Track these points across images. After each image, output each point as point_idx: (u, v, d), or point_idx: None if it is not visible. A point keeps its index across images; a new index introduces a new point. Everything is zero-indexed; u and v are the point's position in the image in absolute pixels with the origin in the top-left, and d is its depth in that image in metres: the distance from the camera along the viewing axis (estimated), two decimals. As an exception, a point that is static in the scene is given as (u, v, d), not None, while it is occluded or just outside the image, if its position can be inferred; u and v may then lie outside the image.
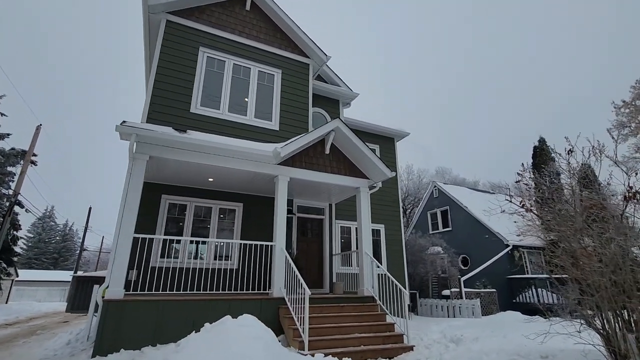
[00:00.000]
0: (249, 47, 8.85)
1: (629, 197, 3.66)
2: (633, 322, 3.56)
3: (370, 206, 12.31)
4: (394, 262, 12.23)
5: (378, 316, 7.31)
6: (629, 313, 3.57)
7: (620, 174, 4.46)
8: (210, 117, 7.90)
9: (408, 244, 16.41)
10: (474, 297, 13.32)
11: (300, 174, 8.04)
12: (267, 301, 6.97)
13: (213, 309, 6.40)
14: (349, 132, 8.40)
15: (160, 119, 7.23)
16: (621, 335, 3.69)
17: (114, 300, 5.75)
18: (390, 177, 8.67)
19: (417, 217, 21.98)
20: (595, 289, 3.74)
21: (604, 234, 3.69)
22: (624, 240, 3.47)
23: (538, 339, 4.66)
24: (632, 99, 19.67)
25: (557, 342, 4.85)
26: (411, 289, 15.10)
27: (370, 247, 8.52)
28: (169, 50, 7.74)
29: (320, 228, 10.38)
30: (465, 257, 18.10)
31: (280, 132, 8.62)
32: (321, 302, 7.23)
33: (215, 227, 8.75)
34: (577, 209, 3.91)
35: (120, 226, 6.14)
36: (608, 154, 3.94)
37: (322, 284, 9.82)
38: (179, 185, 8.43)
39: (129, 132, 6.26)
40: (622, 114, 20.29)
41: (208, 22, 8.43)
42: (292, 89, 9.20)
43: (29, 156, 18.51)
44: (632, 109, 19.57)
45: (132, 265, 7.33)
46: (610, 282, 3.53)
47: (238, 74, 8.59)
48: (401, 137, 13.99)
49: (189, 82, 7.82)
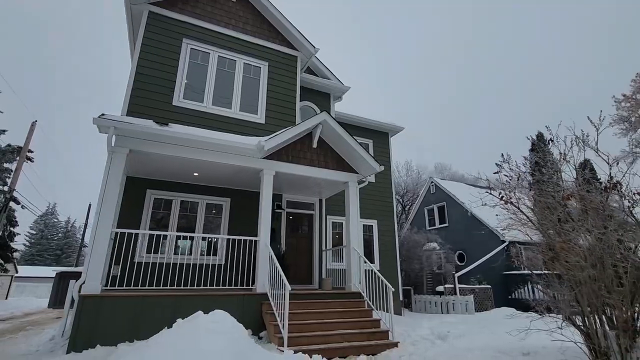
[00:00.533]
0: (234, 39, 8.67)
1: (610, 187, 3.49)
2: (614, 318, 3.41)
3: (363, 201, 12.22)
4: (386, 258, 12.10)
5: (364, 312, 7.19)
6: (610, 309, 3.42)
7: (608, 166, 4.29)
8: (193, 110, 7.76)
9: (404, 240, 16.28)
10: (469, 293, 13.17)
11: (287, 168, 7.91)
12: (250, 297, 6.87)
13: (194, 305, 6.28)
14: (336, 125, 8.24)
15: (141, 112, 7.10)
16: (602, 332, 3.54)
17: (91, 295, 5.66)
18: (379, 171, 8.51)
19: (415, 213, 21.81)
20: (575, 284, 3.59)
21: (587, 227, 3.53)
22: (603, 232, 3.31)
23: (521, 335, 4.54)
24: (633, 93, 19.33)
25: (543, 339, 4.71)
26: (406, 285, 14.98)
27: (358, 242, 8.39)
28: (150, 42, 7.59)
29: (311, 223, 10.25)
30: (461, 253, 17.93)
31: (266, 125, 8.47)
32: (306, 297, 7.11)
33: (202, 223, 8.64)
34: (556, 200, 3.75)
35: (97, 221, 6.02)
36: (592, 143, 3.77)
37: (312, 280, 9.71)
38: (164, 180, 8.31)
39: (107, 124, 6.14)
40: (623, 108, 19.96)
41: (192, 14, 8.26)
42: (279, 81, 9.03)
43: (24, 152, 18.48)
44: (632, 102, 19.24)
45: (116, 260, 7.31)
46: (590, 277, 3.38)
47: (223, 66, 8.43)
48: (395, 132, 13.80)
49: (172, 75, 7.67)
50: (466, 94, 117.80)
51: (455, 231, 18.53)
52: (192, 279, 7.75)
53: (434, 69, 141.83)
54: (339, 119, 12.33)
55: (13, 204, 19.18)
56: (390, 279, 11.90)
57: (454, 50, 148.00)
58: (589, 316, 3.57)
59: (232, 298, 6.76)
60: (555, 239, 3.68)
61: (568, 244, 3.50)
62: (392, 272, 12.07)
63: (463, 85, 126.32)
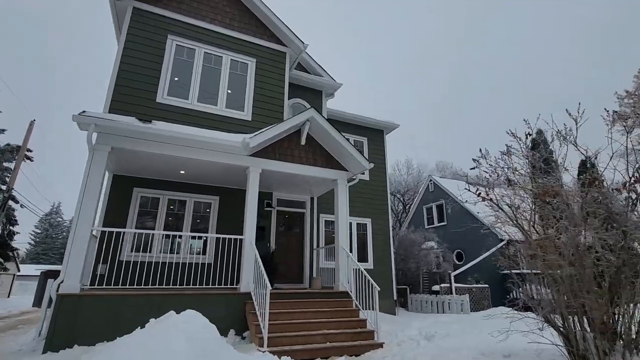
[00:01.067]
0: (221, 35, 8.56)
1: (588, 183, 3.33)
2: (591, 319, 3.25)
3: (358, 200, 12.11)
4: (381, 257, 11.96)
5: (351, 312, 7.07)
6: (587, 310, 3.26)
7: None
8: (177, 107, 7.67)
9: (401, 239, 16.12)
10: (465, 292, 12.99)
11: (273, 166, 7.80)
12: (234, 296, 6.78)
13: (176, 304, 6.18)
14: (324, 122, 8.11)
15: (123, 109, 7.02)
16: (581, 335, 3.38)
17: (69, 294, 5.59)
18: (368, 168, 8.36)
19: (413, 211, 21.61)
20: (554, 284, 3.44)
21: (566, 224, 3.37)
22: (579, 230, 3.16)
23: (509, 336, 4.42)
24: (636, 89, 18.95)
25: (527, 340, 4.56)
26: (402, 284, 14.83)
27: (346, 241, 8.25)
28: (134, 39, 7.50)
29: (302, 222, 10.13)
30: (460, 252, 17.72)
31: (253, 122, 8.36)
32: (291, 297, 7.01)
33: (189, 221, 8.57)
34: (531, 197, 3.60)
35: (77, 219, 5.95)
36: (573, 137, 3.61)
37: (302, 279, 9.60)
38: (151, 178, 8.24)
39: (88, 122, 6.06)
40: (626, 104, 19.57)
41: (177, 9, 8.16)
42: (267, 78, 8.91)
43: (22, 151, 18.54)
44: (635, 99, 18.86)
45: (102, 259, 7.25)
46: (568, 277, 3.22)
47: (209, 62, 8.32)
48: (391, 130, 13.63)
49: (156, 71, 7.58)
50: (459, 92, 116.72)
51: (453, 230, 18.30)
52: (179, 277, 7.69)
53: (427, 66, 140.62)
54: (333, 116, 12.22)
55: (12, 202, 19.30)
56: (385, 278, 11.79)
57: (447, 48, 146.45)
58: (568, 317, 3.42)
59: (217, 297, 6.68)
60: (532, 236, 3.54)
61: (545, 242, 3.35)
62: (387, 271, 11.94)
63: (456, 82, 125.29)
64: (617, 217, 3.18)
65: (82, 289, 6.48)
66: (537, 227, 3.64)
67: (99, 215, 7.92)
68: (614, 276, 3.08)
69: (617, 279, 3.10)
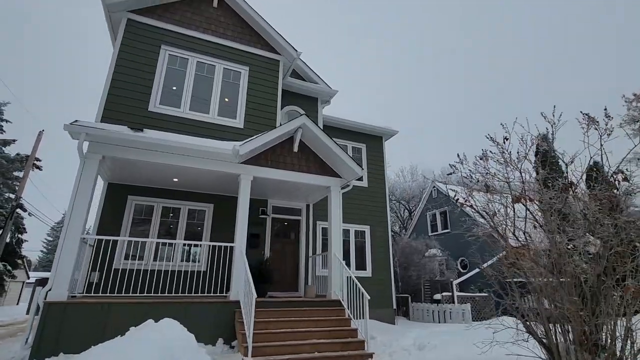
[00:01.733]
0: (214, 44, 8.66)
1: (565, 187, 3.21)
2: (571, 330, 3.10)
3: (356, 206, 12.01)
4: (380, 265, 11.79)
5: (342, 321, 6.94)
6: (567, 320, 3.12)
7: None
8: (169, 116, 7.75)
9: (403, 246, 15.91)
10: (468, 301, 12.69)
11: (265, 173, 7.79)
12: (224, 305, 6.73)
13: (163, 312, 6.15)
14: (316, 128, 8.10)
15: (115, 117, 7.13)
16: (564, 346, 3.23)
17: (56, 302, 5.62)
18: (361, 175, 8.30)
19: (417, 218, 21.34)
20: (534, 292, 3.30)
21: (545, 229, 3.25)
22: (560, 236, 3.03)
23: (488, 347, 4.30)
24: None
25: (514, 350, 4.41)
26: (404, 292, 14.59)
27: (340, 248, 8.16)
28: (127, 49, 7.64)
29: (297, 229, 10.07)
30: (464, 259, 17.39)
31: (245, 130, 8.39)
32: (281, 305, 6.93)
33: (183, 229, 8.58)
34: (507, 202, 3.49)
35: (67, 227, 6.01)
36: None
37: (298, 287, 9.51)
38: (145, 186, 8.31)
39: (78, 130, 6.16)
40: (635, 108, 19.14)
41: (171, 20, 8.30)
42: (260, 86, 8.96)
43: (30, 160, 18.96)
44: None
45: (96, 267, 7.30)
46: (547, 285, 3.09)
47: (202, 71, 8.42)
48: (390, 136, 13.55)
49: (148, 81, 7.69)
50: (466, 96, 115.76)
51: (458, 237, 17.98)
52: (174, 285, 7.66)
53: (436, 70, 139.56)
54: (330, 123, 12.22)
55: (20, 211, 19.70)
56: (384, 286, 11.62)
57: (454, 54, 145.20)
58: (549, 328, 3.27)
59: (206, 306, 6.64)
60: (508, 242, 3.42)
61: (523, 249, 3.23)
62: (386, 279, 11.76)
63: (464, 86, 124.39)
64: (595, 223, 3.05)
65: (74, 297, 6.55)
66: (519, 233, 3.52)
67: (94, 223, 8.03)
68: (594, 285, 2.94)
69: (597, 288, 2.95)
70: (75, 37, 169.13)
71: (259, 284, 8.48)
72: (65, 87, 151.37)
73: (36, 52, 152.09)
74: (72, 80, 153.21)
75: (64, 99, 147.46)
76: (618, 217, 2.84)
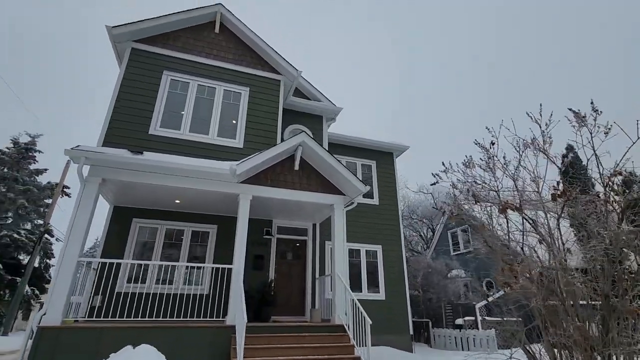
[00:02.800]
0: (215, 67, 8.86)
1: (556, 196, 2.79)
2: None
3: (366, 225, 11.60)
4: (393, 287, 11.17)
5: (344, 348, 6.49)
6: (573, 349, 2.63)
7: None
8: (169, 138, 7.87)
9: (421, 267, 15.13)
10: (494, 326, 11.70)
11: (265, 192, 7.66)
12: (220, 329, 6.47)
13: (156, 338, 5.99)
14: (316, 146, 7.95)
15: (117, 141, 7.30)
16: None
17: (49, 327, 5.57)
18: (364, 192, 7.98)
19: (437, 237, 20.41)
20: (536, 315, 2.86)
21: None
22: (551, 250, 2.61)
23: None
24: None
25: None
26: (424, 317, 13.72)
27: (345, 269, 7.81)
28: (131, 76, 7.94)
29: (304, 250, 9.77)
30: (490, 281, 16.26)
31: (245, 149, 8.37)
32: (278, 331, 6.58)
33: (186, 251, 8.52)
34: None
35: (64, 251, 6.05)
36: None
37: (304, 311, 9.10)
38: (149, 208, 8.38)
39: (78, 155, 6.32)
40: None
41: (174, 47, 8.60)
42: (260, 105, 9.00)
43: (59, 188, 19.94)
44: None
45: (98, 290, 7.30)
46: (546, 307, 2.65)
47: (202, 94, 8.58)
48: (401, 152, 13.20)
49: (150, 105, 7.90)
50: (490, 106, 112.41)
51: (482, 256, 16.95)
52: (176, 309, 7.49)
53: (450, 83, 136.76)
54: (337, 140, 12.08)
55: (48, 236, 20.58)
56: (398, 310, 10.96)
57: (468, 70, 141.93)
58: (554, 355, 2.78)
59: (200, 330, 6.40)
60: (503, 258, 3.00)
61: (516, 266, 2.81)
62: (401, 302, 11.09)
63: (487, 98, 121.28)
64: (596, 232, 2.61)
65: (77, 321, 6.53)
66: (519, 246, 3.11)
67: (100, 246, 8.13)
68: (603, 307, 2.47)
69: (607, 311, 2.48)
70: (74, 37, 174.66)
71: (262, 307, 8.19)
72: (64, 87, 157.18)
73: (36, 53, 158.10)
74: (72, 80, 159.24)
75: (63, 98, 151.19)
76: (620, 227, 2.41)
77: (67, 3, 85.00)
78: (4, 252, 19.49)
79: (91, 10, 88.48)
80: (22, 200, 20.38)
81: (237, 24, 9.29)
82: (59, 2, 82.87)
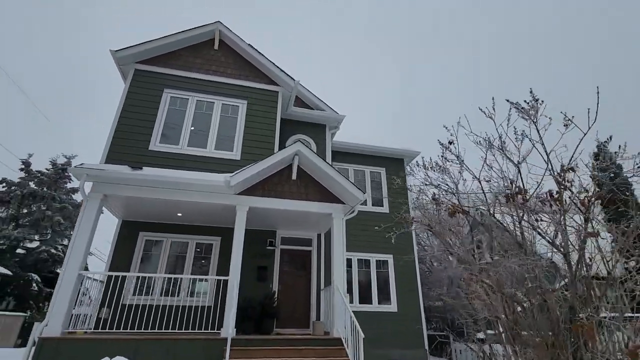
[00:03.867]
0: (214, 82, 9.09)
1: (510, 196, 2.49)
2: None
3: (375, 234, 11.26)
4: (406, 298, 10.73)
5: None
6: None
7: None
8: (168, 153, 8.10)
9: (438, 276, 14.46)
10: (519, 341, 10.87)
11: (262, 203, 7.67)
12: (214, 342, 6.44)
13: (151, 349, 6.10)
14: (312, 155, 7.89)
15: (119, 158, 7.62)
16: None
17: (49, 338, 5.79)
18: (363, 200, 7.77)
19: (461, 245, 19.45)
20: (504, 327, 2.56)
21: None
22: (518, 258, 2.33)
23: None
24: None
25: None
26: (443, 330, 13.03)
27: (343, 280, 7.59)
28: (133, 96, 8.32)
29: (308, 261, 9.63)
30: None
31: (242, 161, 8.43)
32: (271, 344, 6.46)
33: (190, 263, 8.65)
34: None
35: (67, 263, 6.33)
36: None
37: (309, 323, 8.91)
38: (155, 222, 8.62)
39: (80, 172, 6.66)
40: None
41: (174, 66, 8.94)
42: (258, 117, 9.09)
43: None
44: None
45: (107, 303, 7.57)
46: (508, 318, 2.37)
47: (201, 108, 8.82)
48: (412, 158, 12.81)
49: (150, 122, 8.21)
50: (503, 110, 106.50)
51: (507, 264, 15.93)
52: (179, 321, 7.58)
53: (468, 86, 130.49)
54: (344, 149, 11.97)
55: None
56: (411, 322, 10.48)
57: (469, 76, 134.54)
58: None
59: (196, 342, 6.41)
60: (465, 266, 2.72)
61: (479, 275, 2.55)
62: (414, 313, 10.61)
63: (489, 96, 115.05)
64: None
65: (86, 332, 6.78)
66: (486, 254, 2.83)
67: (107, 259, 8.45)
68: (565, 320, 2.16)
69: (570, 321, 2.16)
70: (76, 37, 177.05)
71: (263, 319, 8.10)
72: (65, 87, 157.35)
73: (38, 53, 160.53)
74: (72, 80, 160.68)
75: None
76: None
77: (66, 3, 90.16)
78: (42, 266, 20.80)
79: (91, 10, 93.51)
80: (59, 217, 21.76)
81: (235, 40, 9.54)
82: (59, 2, 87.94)
